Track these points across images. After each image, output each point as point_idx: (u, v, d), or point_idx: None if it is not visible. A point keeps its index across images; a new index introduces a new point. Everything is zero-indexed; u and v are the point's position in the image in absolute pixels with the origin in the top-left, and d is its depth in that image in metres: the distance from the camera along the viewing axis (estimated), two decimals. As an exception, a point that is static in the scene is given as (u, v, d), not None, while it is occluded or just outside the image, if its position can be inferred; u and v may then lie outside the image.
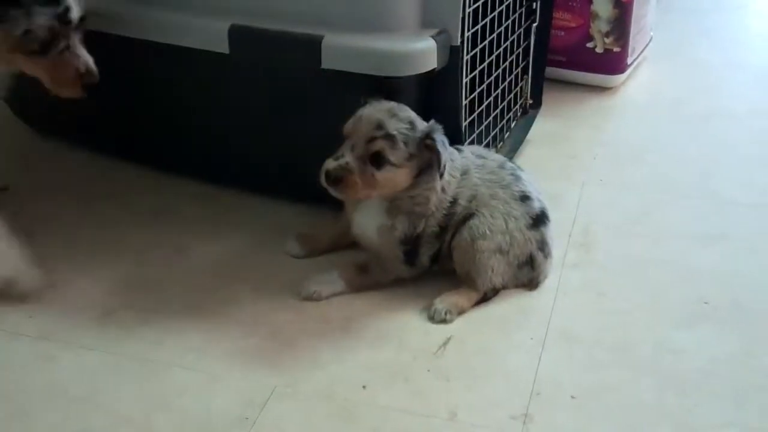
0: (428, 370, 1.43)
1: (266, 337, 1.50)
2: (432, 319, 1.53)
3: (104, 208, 1.87)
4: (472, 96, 1.77)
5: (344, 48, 1.58)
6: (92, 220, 1.83)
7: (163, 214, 1.85)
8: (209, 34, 1.65)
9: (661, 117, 2.40)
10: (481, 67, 1.81)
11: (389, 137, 1.46)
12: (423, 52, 1.58)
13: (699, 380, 1.42)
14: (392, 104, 1.51)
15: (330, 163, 1.46)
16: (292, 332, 1.49)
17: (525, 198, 1.60)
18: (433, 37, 1.59)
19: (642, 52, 2.65)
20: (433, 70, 1.61)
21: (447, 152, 1.51)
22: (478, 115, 1.83)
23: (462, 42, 1.64)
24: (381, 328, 1.53)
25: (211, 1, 1.68)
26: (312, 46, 1.57)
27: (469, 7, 1.65)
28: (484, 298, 1.58)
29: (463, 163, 1.59)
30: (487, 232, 1.55)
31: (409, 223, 1.56)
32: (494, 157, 1.68)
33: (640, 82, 2.61)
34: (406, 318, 1.55)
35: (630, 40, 2.48)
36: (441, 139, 1.49)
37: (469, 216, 1.56)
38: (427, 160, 1.50)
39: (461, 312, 1.55)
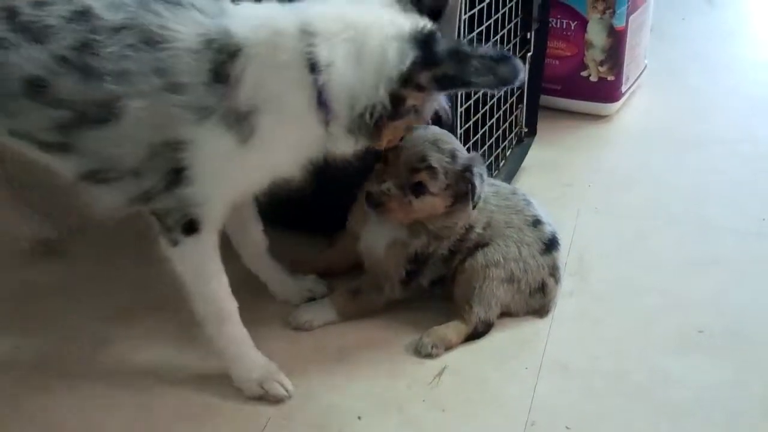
0: (423, 400, 1.43)
1: (261, 366, 1.50)
2: (419, 353, 1.53)
3: (95, 237, 1.87)
4: (467, 125, 1.79)
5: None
6: (86, 249, 1.84)
7: (157, 241, 1.85)
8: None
9: (655, 144, 2.42)
10: (477, 96, 1.83)
11: (431, 169, 1.49)
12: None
13: (692, 408, 1.42)
14: (437, 133, 1.53)
15: (373, 187, 1.50)
16: (286, 361, 1.49)
17: (537, 222, 1.62)
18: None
19: (636, 80, 2.67)
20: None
21: (484, 185, 1.52)
22: (473, 143, 1.84)
23: (456, 72, 1.65)
24: (375, 357, 1.53)
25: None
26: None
27: (464, 38, 1.67)
28: (475, 334, 1.57)
29: (485, 192, 1.60)
30: (501, 259, 1.57)
31: (427, 243, 1.57)
32: (504, 184, 1.72)
33: (635, 109, 2.63)
34: (401, 348, 1.55)
35: (624, 68, 2.51)
36: (479, 172, 1.51)
37: (483, 244, 1.58)
38: (463, 191, 1.52)
39: (449, 347, 1.55)
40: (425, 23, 1.29)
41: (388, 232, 1.58)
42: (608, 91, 2.52)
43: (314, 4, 1.31)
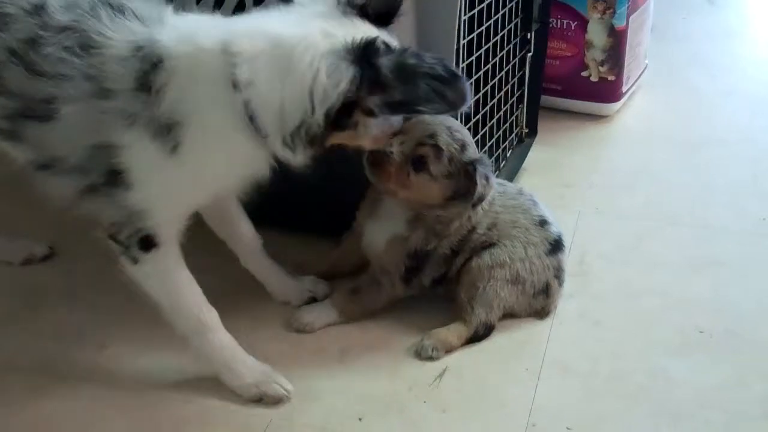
0: (424, 402, 1.43)
1: (262, 368, 1.50)
2: (419, 355, 1.53)
3: (96, 239, 1.86)
4: (468, 125, 1.79)
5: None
6: (87, 251, 1.83)
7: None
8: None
9: (655, 145, 2.42)
10: (477, 97, 1.83)
11: (437, 148, 1.48)
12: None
13: (693, 409, 1.42)
14: (455, 124, 1.53)
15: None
16: (287, 363, 1.49)
17: (544, 223, 1.62)
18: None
19: (636, 80, 2.67)
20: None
21: (489, 187, 1.51)
22: (474, 143, 1.84)
23: (457, 73, 1.65)
24: (376, 359, 1.53)
25: None
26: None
27: (464, 38, 1.67)
28: (476, 337, 1.57)
29: (491, 194, 1.59)
30: (507, 260, 1.57)
31: (425, 238, 1.56)
32: (510, 184, 1.72)
33: (635, 110, 2.63)
34: (402, 349, 1.55)
35: (624, 68, 2.51)
36: (484, 172, 1.50)
37: (490, 245, 1.58)
38: (465, 187, 1.50)
39: (449, 350, 1.55)
40: (363, 34, 1.21)
41: (388, 227, 1.58)
42: (609, 91, 2.52)
43: (241, 19, 1.30)
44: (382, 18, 1.28)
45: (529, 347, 1.57)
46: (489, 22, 1.81)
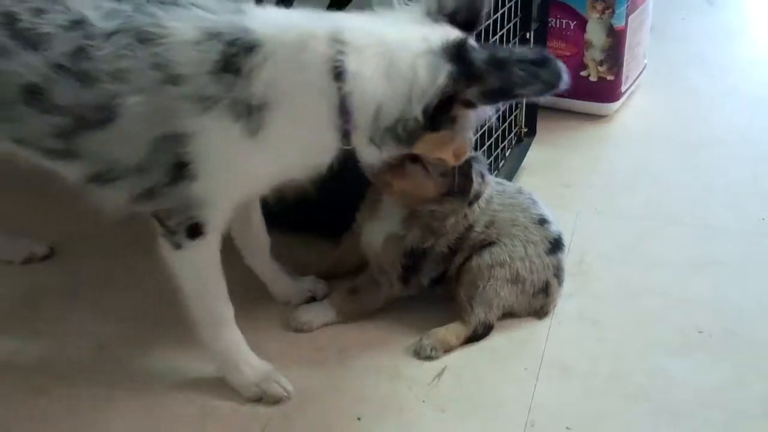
0: (423, 401, 1.43)
1: (261, 368, 1.50)
2: (418, 355, 1.53)
3: (96, 240, 1.87)
4: (466, 126, 1.79)
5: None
6: (87, 252, 1.84)
7: (157, 243, 1.85)
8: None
9: (654, 145, 2.42)
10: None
11: None
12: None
13: (692, 409, 1.42)
14: None
15: None
16: (286, 363, 1.49)
17: (543, 221, 1.62)
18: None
19: (636, 80, 2.67)
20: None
21: (485, 185, 1.52)
22: (473, 143, 1.84)
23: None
24: (375, 358, 1.53)
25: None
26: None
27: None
28: (474, 337, 1.57)
29: (488, 192, 1.60)
30: (507, 259, 1.57)
31: (421, 236, 1.56)
32: (509, 183, 1.72)
33: (634, 109, 2.63)
34: (401, 349, 1.55)
35: (623, 68, 2.51)
36: (479, 169, 1.51)
37: (489, 243, 1.57)
38: (460, 184, 1.50)
39: (448, 349, 1.55)
40: (454, 34, 1.28)
41: (385, 226, 1.58)
42: (608, 90, 2.52)
43: (345, 16, 1.32)
44: (468, 25, 1.32)
45: (528, 347, 1.57)
46: (488, 22, 1.81)
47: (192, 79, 1.23)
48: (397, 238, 1.57)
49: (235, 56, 1.23)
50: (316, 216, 1.74)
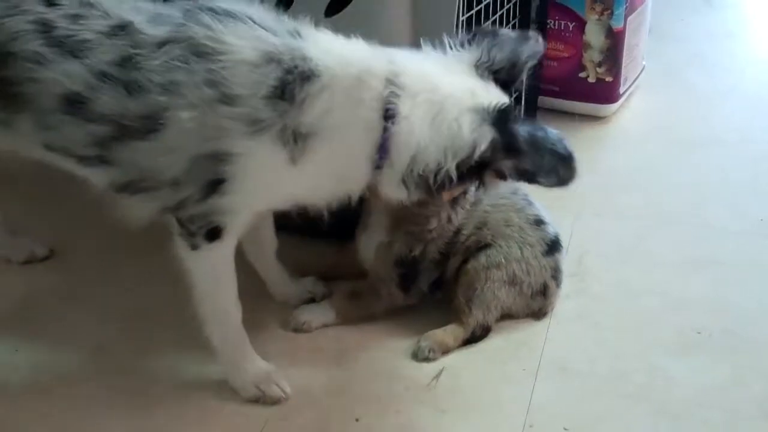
0: (421, 402, 1.43)
1: (260, 368, 1.50)
2: (416, 356, 1.53)
3: (95, 241, 1.87)
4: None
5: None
6: (86, 253, 1.84)
7: (157, 245, 1.85)
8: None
9: (653, 145, 2.42)
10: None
11: None
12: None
13: (691, 409, 1.42)
14: None
15: None
16: (284, 363, 1.49)
17: (539, 222, 1.62)
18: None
19: (634, 81, 2.67)
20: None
21: (465, 185, 1.51)
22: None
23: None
24: (373, 359, 1.53)
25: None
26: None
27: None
28: (472, 338, 1.57)
29: (475, 194, 1.60)
30: (503, 261, 1.56)
31: (406, 243, 1.56)
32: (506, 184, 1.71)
33: (633, 111, 2.63)
34: (399, 350, 1.55)
35: (622, 69, 2.51)
36: None
37: (485, 245, 1.57)
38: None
39: (446, 351, 1.55)
40: (502, 99, 1.29)
41: (374, 236, 1.58)
42: (606, 92, 2.52)
43: (405, 55, 1.32)
44: (504, 85, 1.34)
45: (526, 348, 1.57)
46: (487, 23, 1.81)
47: (246, 101, 1.22)
48: (385, 246, 1.57)
49: (292, 84, 1.23)
50: (321, 221, 1.74)
